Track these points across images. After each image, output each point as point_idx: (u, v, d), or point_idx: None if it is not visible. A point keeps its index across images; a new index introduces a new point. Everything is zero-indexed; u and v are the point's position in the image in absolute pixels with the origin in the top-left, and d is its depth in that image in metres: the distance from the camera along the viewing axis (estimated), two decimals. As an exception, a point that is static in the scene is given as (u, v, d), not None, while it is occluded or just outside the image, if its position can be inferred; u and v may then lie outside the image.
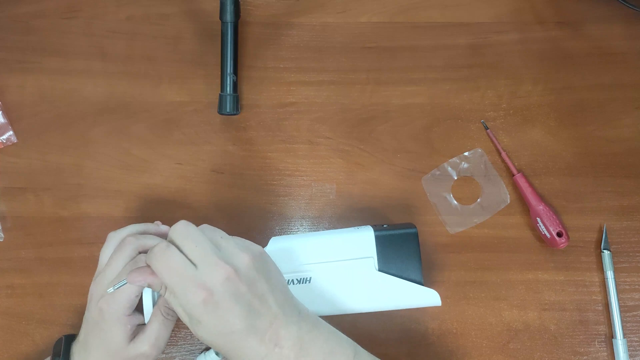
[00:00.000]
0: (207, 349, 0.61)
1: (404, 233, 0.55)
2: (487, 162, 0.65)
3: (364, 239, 0.55)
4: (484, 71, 0.67)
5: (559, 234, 0.61)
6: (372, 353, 0.62)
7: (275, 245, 0.54)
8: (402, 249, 0.54)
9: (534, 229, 0.63)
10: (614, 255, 0.63)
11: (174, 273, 0.45)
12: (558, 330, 0.62)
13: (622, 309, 0.62)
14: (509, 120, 0.66)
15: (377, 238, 0.55)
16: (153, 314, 0.53)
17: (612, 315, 0.61)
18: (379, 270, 0.54)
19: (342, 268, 0.54)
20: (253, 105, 0.66)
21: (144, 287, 0.51)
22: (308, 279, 0.54)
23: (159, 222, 0.58)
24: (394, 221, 0.64)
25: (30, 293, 0.62)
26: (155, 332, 0.52)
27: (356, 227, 0.57)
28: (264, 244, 0.54)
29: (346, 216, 0.64)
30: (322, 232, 0.58)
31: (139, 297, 0.52)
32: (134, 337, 0.52)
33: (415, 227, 0.55)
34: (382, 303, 0.55)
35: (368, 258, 0.54)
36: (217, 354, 0.60)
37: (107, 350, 0.51)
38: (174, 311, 0.52)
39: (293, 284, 0.54)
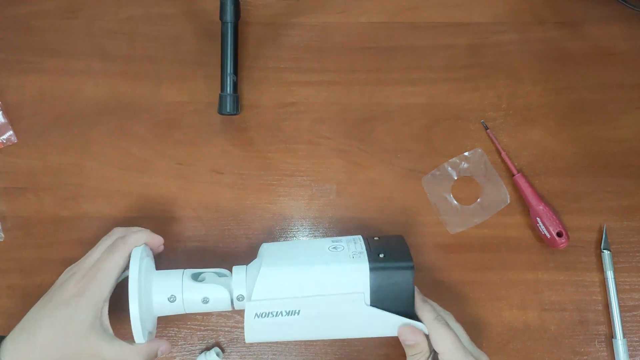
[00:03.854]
0: (208, 348, 0.61)
1: (400, 267, 0.51)
2: (487, 162, 0.65)
3: (357, 273, 0.51)
4: (484, 71, 0.67)
5: (559, 234, 0.61)
6: (371, 354, 0.62)
7: (267, 254, 0.54)
8: (396, 283, 0.51)
9: (534, 229, 0.63)
10: (614, 255, 0.63)
11: (452, 341, 0.49)
12: (558, 330, 0.62)
13: (622, 309, 0.62)
14: (508, 120, 0.66)
15: (371, 272, 0.51)
16: (135, 347, 0.51)
17: (612, 315, 0.61)
18: (371, 305, 0.51)
19: (332, 302, 0.52)
20: (253, 105, 0.66)
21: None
22: (297, 311, 0.52)
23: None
24: (395, 221, 0.64)
25: (30, 293, 0.62)
26: (122, 351, 0.51)
27: (351, 258, 0.52)
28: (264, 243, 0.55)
29: (346, 216, 0.64)
30: (315, 259, 0.53)
31: (115, 283, 0.52)
32: (101, 332, 0.50)
33: (412, 261, 0.51)
34: (371, 333, 0.54)
35: (360, 293, 0.51)
36: (217, 354, 0.60)
37: (65, 330, 0.49)
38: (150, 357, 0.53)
39: (281, 315, 0.52)
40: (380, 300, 0.51)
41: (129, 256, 0.52)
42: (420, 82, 0.67)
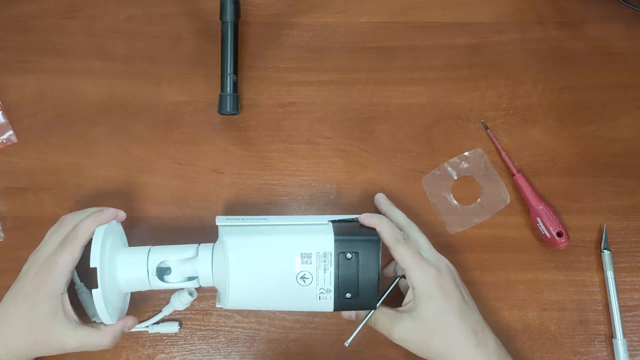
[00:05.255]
0: (182, 289, 0.61)
1: (363, 306, 0.54)
2: (487, 162, 0.65)
3: (323, 307, 0.54)
4: (484, 71, 0.67)
5: (559, 234, 0.61)
6: (372, 354, 0.62)
7: (233, 260, 0.54)
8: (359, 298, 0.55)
9: (534, 229, 0.63)
10: (614, 255, 0.63)
11: (411, 257, 0.53)
12: (558, 330, 0.62)
13: (622, 309, 0.62)
14: (509, 120, 0.66)
15: (335, 308, 0.54)
16: (102, 329, 0.54)
17: (612, 315, 0.61)
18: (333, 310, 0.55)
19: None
20: (253, 105, 0.66)
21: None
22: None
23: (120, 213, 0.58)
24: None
25: (30, 293, 0.62)
26: (88, 337, 0.54)
27: (317, 299, 0.54)
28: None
29: (346, 216, 0.64)
30: (283, 295, 0.54)
31: (72, 275, 0.54)
32: (64, 320, 0.53)
33: (375, 303, 0.54)
34: None
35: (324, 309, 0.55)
36: (190, 293, 0.60)
37: (32, 322, 0.52)
38: (116, 338, 0.56)
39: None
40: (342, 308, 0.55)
41: (82, 247, 0.54)
42: (420, 82, 0.67)
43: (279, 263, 0.53)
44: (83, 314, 0.60)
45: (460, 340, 0.52)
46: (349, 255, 0.53)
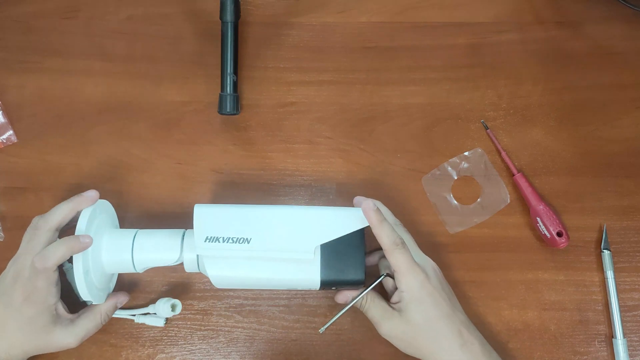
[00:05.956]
0: (167, 302, 0.61)
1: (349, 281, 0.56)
2: (487, 162, 0.65)
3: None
4: (484, 71, 0.67)
5: (559, 234, 0.61)
6: (372, 353, 0.62)
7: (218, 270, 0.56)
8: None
9: (534, 228, 0.63)
10: (614, 255, 0.63)
11: (405, 262, 0.54)
12: (558, 330, 0.62)
13: (622, 309, 0.62)
14: (509, 120, 0.66)
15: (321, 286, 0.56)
16: (92, 314, 0.56)
17: (612, 315, 0.61)
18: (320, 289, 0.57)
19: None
20: (253, 105, 0.66)
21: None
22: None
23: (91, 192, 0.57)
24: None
25: (30, 293, 0.62)
26: (85, 330, 0.56)
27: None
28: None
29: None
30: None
31: (58, 287, 0.55)
32: (60, 324, 0.55)
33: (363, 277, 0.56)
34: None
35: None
36: (172, 307, 0.60)
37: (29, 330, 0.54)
38: (108, 316, 0.58)
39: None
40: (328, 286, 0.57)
41: (56, 269, 0.54)
42: (420, 82, 0.67)
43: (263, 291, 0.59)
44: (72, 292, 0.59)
45: (448, 342, 0.54)
46: (333, 288, 0.57)
